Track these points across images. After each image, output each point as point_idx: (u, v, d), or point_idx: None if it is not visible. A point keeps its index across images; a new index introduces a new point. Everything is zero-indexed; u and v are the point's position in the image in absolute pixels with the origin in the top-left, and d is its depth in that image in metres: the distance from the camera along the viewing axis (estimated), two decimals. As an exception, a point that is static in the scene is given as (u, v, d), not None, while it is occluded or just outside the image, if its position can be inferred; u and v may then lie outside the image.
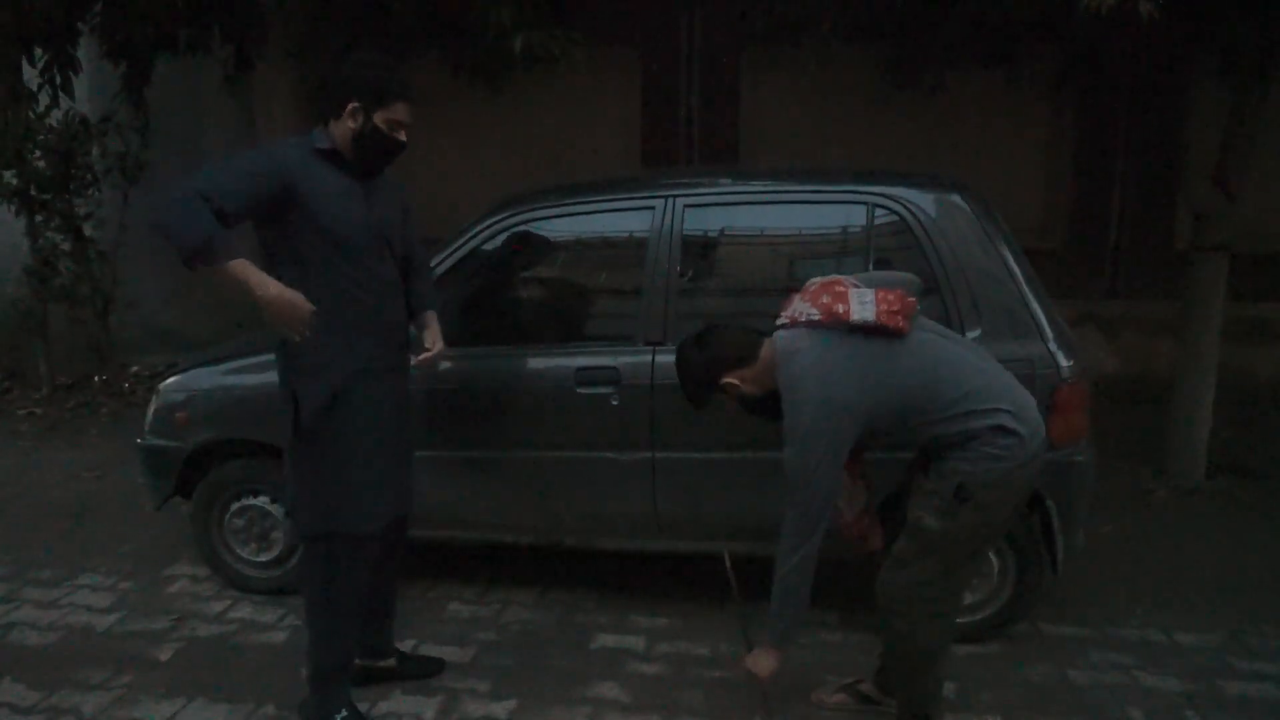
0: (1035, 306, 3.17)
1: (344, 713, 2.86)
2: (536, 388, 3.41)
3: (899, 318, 2.42)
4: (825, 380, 2.40)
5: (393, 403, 2.84)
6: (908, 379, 2.43)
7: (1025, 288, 3.17)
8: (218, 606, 3.73)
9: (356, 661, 3.02)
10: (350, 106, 2.62)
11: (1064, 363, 3.11)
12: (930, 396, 2.42)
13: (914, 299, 2.54)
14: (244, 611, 3.68)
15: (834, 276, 2.61)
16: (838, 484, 2.52)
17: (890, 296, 2.45)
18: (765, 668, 2.66)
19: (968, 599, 3.16)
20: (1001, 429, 2.40)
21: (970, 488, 2.42)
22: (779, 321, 2.60)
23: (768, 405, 2.59)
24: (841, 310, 2.43)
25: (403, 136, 2.70)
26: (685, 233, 3.38)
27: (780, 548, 2.53)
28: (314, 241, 2.60)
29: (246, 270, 2.40)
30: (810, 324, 2.48)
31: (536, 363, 3.45)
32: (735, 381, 2.61)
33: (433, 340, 2.95)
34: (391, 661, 3.16)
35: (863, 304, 2.43)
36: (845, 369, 2.41)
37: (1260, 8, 4.20)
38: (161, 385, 3.79)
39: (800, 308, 2.54)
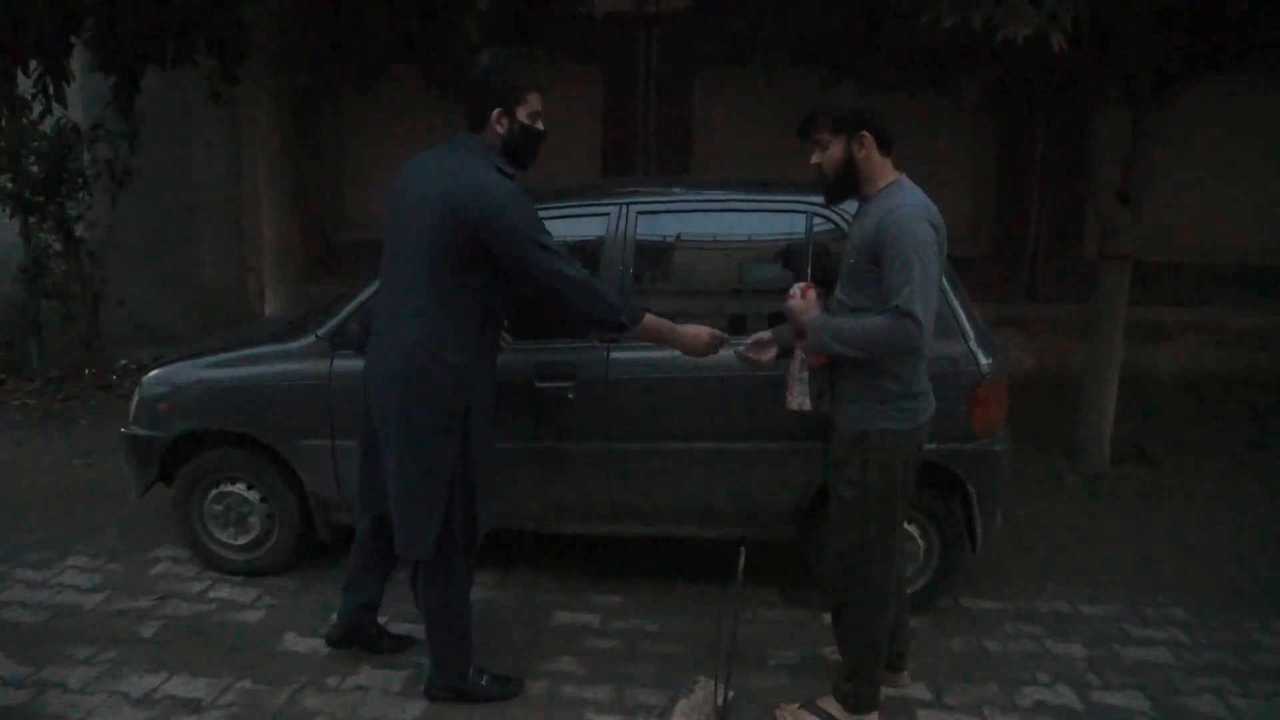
0: (958, 308, 3.19)
1: (485, 678, 2.87)
2: (499, 382, 3.36)
3: None
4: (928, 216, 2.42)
5: None
6: None
7: (949, 291, 3.19)
8: (198, 587, 3.65)
9: (335, 621, 3.07)
10: (495, 113, 2.56)
11: (984, 360, 3.14)
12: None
13: None
14: (222, 592, 3.60)
15: None
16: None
17: None
18: (805, 314, 2.56)
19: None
20: (907, 394, 2.48)
21: (870, 443, 2.47)
22: None
23: (838, 175, 2.52)
24: None
25: (541, 124, 2.65)
26: (638, 237, 3.36)
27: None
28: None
29: (658, 321, 2.70)
30: None
31: (499, 358, 3.39)
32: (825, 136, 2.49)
33: None
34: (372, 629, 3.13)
35: None
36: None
37: (1154, 46, 4.29)
38: (144, 378, 3.69)
39: None
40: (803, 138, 2.58)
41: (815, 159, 2.55)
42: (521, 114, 2.58)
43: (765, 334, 2.81)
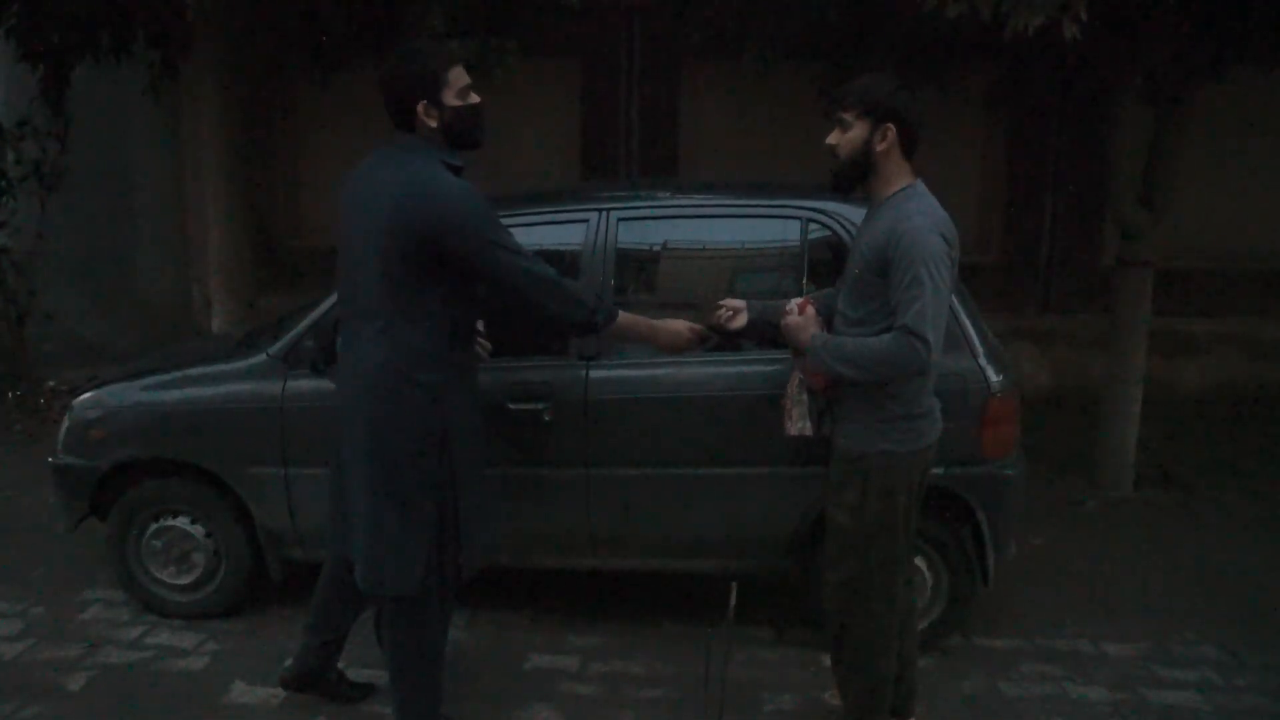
0: (966, 322, 3.22)
1: None
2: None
3: None
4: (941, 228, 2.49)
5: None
6: None
7: (956, 303, 3.22)
8: (133, 632, 3.61)
9: (290, 661, 3.06)
10: (421, 107, 2.56)
11: (994, 377, 3.18)
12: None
13: None
14: (161, 637, 3.57)
15: None
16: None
17: None
18: (804, 332, 2.62)
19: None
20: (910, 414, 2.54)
21: (870, 466, 2.53)
22: None
23: (852, 160, 2.56)
24: None
25: (475, 97, 2.65)
26: (619, 246, 3.38)
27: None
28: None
29: (633, 319, 2.78)
30: None
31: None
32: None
33: None
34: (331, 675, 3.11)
35: None
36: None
37: (1177, 35, 4.36)
38: (75, 401, 3.67)
39: None
40: (829, 112, 2.62)
41: (832, 139, 2.58)
42: (449, 97, 2.58)
43: (739, 301, 2.86)
